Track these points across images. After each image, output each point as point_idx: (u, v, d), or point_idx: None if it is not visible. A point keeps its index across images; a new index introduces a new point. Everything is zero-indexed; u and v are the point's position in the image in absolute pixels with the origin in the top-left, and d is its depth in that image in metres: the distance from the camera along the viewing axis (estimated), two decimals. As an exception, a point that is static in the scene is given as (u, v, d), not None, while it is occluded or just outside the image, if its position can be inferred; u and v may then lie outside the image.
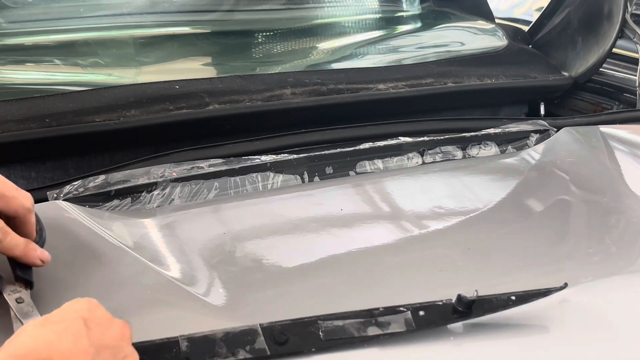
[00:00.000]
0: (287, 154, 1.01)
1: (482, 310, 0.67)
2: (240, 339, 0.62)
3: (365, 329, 0.65)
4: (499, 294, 0.69)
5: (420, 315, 0.66)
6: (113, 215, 0.87)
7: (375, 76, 1.28)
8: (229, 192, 0.95)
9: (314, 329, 0.64)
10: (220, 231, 0.90)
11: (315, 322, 0.64)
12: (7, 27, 1.28)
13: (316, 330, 0.64)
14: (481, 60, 1.45)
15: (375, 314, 0.66)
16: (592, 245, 0.92)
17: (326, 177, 1.02)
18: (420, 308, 0.67)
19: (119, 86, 1.11)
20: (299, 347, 0.62)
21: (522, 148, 1.16)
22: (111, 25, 1.35)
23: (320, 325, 0.64)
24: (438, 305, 0.67)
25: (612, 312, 0.74)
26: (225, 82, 1.16)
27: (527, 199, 1.05)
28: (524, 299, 0.69)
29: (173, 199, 0.92)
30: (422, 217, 0.97)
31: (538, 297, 0.69)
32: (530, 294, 0.69)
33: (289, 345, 0.62)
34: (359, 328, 0.64)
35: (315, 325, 0.64)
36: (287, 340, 0.62)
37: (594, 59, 1.45)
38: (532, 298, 0.69)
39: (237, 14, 1.52)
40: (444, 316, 0.67)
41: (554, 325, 0.70)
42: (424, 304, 0.67)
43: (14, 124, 0.96)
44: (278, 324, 0.64)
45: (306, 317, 0.64)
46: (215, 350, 0.60)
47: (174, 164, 0.94)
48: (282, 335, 0.62)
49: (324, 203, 0.98)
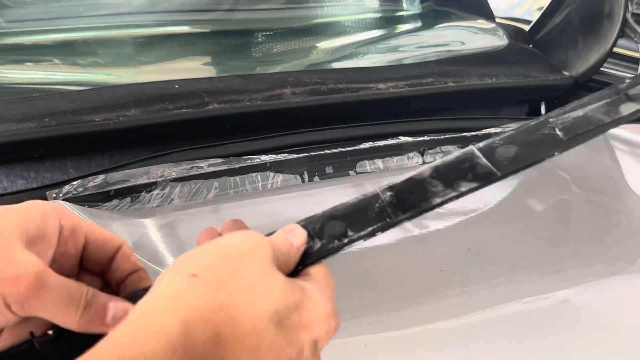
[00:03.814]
0: (287, 154, 1.01)
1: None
2: None
3: (616, 109, 0.52)
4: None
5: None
6: (112, 215, 0.87)
7: (376, 76, 1.28)
8: (228, 191, 0.95)
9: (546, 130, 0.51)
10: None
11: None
12: (6, 26, 1.28)
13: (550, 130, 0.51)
14: (482, 60, 1.45)
15: (622, 88, 0.54)
16: (592, 245, 0.92)
17: (326, 177, 1.02)
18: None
19: (119, 86, 1.11)
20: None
21: (522, 148, 1.15)
22: (111, 24, 1.34)
23: (555, 124, 0.51)
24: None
25: (612, 312, 0.74)
26: (225, 82, 1.16)
27: (528, 198, 1.05)
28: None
29: (172, 198, 0.91)
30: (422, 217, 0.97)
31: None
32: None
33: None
34: (607, 111, 0.52)
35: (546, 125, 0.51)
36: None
37: (595, 59, 1.45)
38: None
39: (237, 13, 1.52)
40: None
41: (555, 325, 0.70)
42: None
43: (13, 123, 0.96)
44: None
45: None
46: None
47: (173, 164, 0.94)
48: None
49: (324, 203, 0.97)
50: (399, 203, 0.51)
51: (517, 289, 0.78)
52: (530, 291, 0.77)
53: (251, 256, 0.42)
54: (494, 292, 0.77)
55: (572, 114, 0.52)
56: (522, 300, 0.76)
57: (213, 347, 0.38)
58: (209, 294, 0.39)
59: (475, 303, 0.75)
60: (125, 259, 0.51)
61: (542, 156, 0.50)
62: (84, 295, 0.45)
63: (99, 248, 0.50)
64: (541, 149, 0.51)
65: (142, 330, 0.38)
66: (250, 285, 0.41)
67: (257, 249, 0.43)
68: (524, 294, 0.77)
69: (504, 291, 0.78)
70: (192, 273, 0.40)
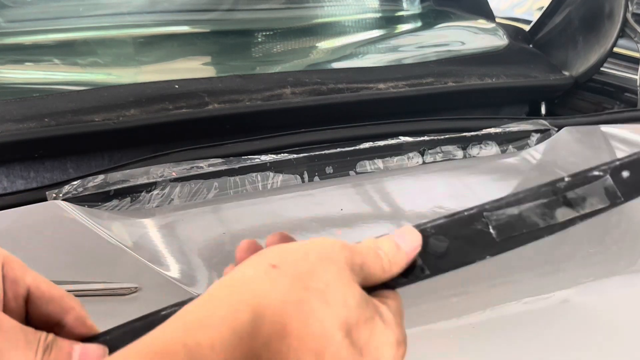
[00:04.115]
0: (287, 154, 1.01)
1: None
2: None
3: (552, 213, 0.49)
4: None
5: (624, 177, 0.49)
6: (112, 215, 0.87)
7: (376, 76, 1.27)
8: (228, 191, 0.95)
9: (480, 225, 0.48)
10: (220, 231, 0.90)
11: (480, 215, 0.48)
12: (6, 26, 1.28)
13: (484, 226, 0.48)
14: (482, 60, 1.45)
15: (561, 188, 0.49)
16: (592, 245, 0.92)
17: (326, 177, 1.02)
18: (620, 167, 0.49)
19: (118, 86, 1.11)
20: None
21: (522, 148, 1.15)
22: (110, 24, 1.34)
23: (489, 219, 0.49)
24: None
25: (612, 313, 0.74)
26: (225, 82, 1.16)
27: (528, 198, 1.05)
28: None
29: (172, 198, 0.91)
30: (423, 217, 0.96)
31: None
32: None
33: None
34: (543, 214, 0.49)
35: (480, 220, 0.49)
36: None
37: (595, 59, 1.44)
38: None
39: (237, 13, 1.52)
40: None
41: (555, 326, 0.70)
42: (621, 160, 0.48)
43: (13, 123, 0.96)
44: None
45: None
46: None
47: (173, 164, 0.94)
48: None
49: (324, 203, 0.97)
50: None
51: (517, 289, 0.78)
52: (531, 291, 0.77)
53: (332, 260, 0.41)
54: (494, 292, 0.77)
55: (507, 210, 0.49)
56: (522, 300, 0.76)
57: (278, 340, 0.37)
58: (286, 286, 0.39)
59: (475, 303, 0.75)
60: (79, 322, 0.45)
61: (472, 258, 0.48)
62: (42, 338, 0.42)
63: (43, 305, 0.45)
64: (473, 249, 0.48)
65: (211, 313, 0.37)
66: (326, 288, 0.39)
67: (338, 254, 0.42)
68: (524, 294, 0.77)
69: (504, 291, 0.77)
70: (272, 264, 0.40)
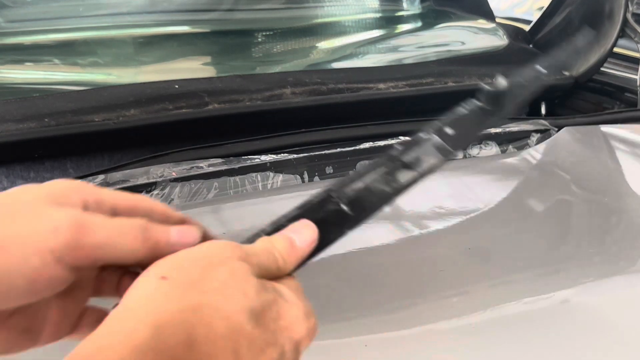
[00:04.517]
0: (287, 154, 1.01)
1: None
2: None
3: (394, 178, 0.53)
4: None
5: (450, 134, 0.55)
6: (112, 215, 0.87)
7: (376, 76, 1.27)
8: (228, 192, 0.95)
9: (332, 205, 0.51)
10: (220, 231, 0.89)
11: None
12: (6, 26, 1.28)
13: (336, 206, 0.51)
14: (482, 60, 1.45)
15: (396, 155, 0.54)
16: (593, 245, 0.92)
17: (326, 177, 1.02)
18: (443, 126, 0.55)
19: (118, 86, 1.11)
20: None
21: (523, 148, 1.15)
22: (110, 24, 1.34)
23: (339, 198, 0.51)
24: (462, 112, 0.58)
25: (613, 313, 0.74)
26: (225, 82, 1.15)
27: (528, 198, 1.05)
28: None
29: (172, 198, 0.91)
30: (422, 217, 0.97)
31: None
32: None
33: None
34: (386, 180, 0.52)
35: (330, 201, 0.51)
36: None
37: (595, 59, 1.45)
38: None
39: (237, 13, 1.52)
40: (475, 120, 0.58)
41: (555, 326, 0.70)
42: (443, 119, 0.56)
43: (13, 123, 0.96)
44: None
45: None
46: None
47: (173, 164, 0.94)
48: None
49: (324, 203, 0.97)
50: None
51: (518, 289, 0.78)
52: (531, 291, 0.77)
53: (222, 261, 0.41)
54: (494, 293, 0.77)
55: (353, 185, 0.51)
56: (523, 300, 0.76)
57: (187, 350, 0.36)
58: (179, 295, 0.38)
59: (475, 303, 0.75)
60: (164, 217, 0.47)
61: (334, 236, 0.49)
62: (135, 222, 0.43)
63: (130, 213, 0.46)
64: (332, 228, 0.49)
65: (111, 336, 0.36)
66: (222, 286, 0.39)
67: (231, 254, 0.42)
68: (524, 294, 0.77)
69: (504, 291, 0.77)
70: (161, 275, 0.39)
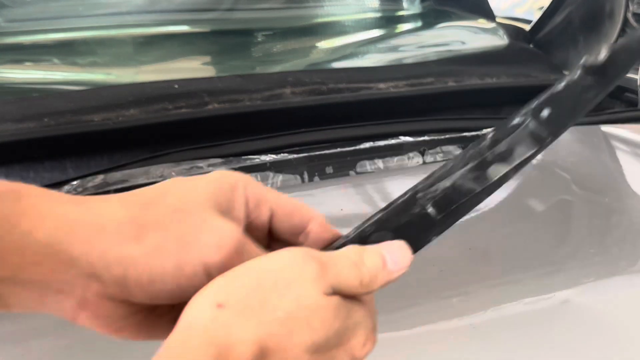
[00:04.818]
0: (287, 154, 1.00)
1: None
2: None
3: (484, 174, 0.50)
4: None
5: (545, 116, 0.51)
6: (111, 215, 0.86)
7: (376, 75, 1.27)
8: (228, 192, 0.95)
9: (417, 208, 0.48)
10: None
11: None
12: (5, 26, 1.28)
13: (421, 208, 0.48)
14: (482, 59, 1.45)
15: (486, 147, 0.50)
16: (593, 245, 0.92)
17: (326, 176, 1.01)
18: (540, 107, 0.51)
19: (118, 85, 1.10)
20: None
21: (523, 148, 1.15)
22: (110, 24, 1.34)
23: (424, 199, 0.48)
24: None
25: (613, 313, 0.73)
26: (225, 82, 1.15)
27: (528, 198, 1.05)
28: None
29: (172, 198, 0.91)
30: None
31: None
32: None
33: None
34: (476, 177, 0.49)
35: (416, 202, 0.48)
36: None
37: (595, 58, 1.44)
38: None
39: (237, 13, 1.52)
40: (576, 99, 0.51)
41: (555, 326, 0.70)
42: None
43: (12, 123, 0.96)
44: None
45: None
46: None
47: (173, 164, 0.94)
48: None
49: (324, 203, 0.97)
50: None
51: (518, 290, 0.78)
52: (531, 291, 0.77)
53: (289, 284, 0.39)
54: (494, 293, 0.77)
55: (440, 184, 0.48)
56: (523, 300, 0.76)
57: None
58: (239, 326, 0.37)
59: (475, 303, 0.75)
60: (322, 229, 0.48)
61: (418, 245, 0.48)
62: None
63: (287, 219, 0.47)
64: (417, 234, 0.47)
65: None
66: (286, 317, 0.38)
67: (297, 275, 0.39)
68: (525, 295, 0.77)
69: (505, 291, 0.77)
70: (218, 302, 0.37)
